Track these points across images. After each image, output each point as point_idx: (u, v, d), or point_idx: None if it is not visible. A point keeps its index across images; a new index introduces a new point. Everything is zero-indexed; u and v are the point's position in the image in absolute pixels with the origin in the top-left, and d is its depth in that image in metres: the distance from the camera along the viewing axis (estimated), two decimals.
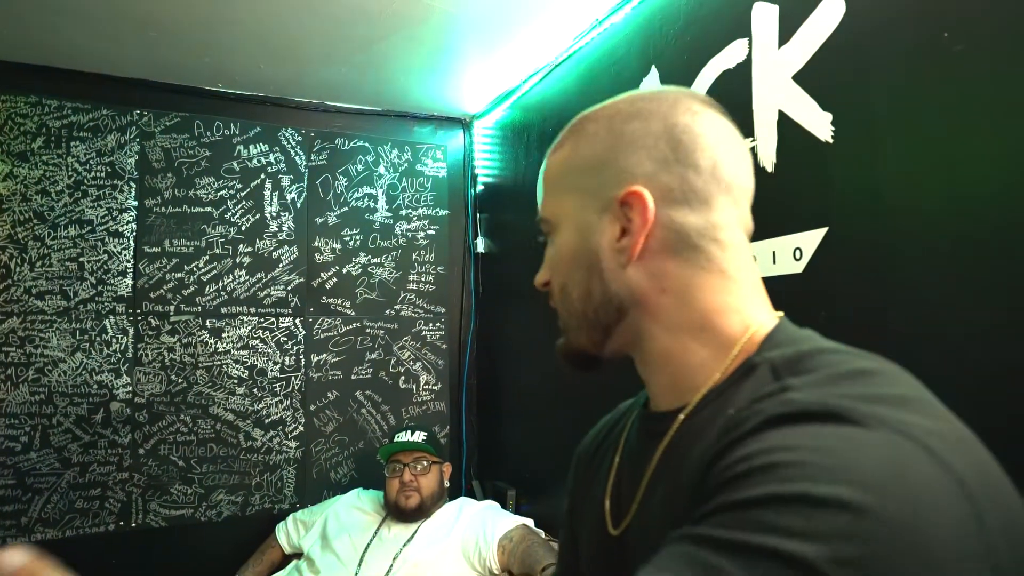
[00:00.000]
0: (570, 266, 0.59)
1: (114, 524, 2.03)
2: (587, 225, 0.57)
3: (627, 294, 0.55)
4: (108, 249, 2.08)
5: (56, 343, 2.00)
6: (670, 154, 0.54)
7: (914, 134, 0.98)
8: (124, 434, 2.06)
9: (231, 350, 2.20)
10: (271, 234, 2.28)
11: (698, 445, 0.48)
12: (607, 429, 0.71)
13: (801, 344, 0.50)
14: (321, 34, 1.86)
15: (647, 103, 0.57)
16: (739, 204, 0.56)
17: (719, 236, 0.54)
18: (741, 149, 0.57)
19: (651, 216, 0.53)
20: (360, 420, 2.37)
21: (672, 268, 0.54)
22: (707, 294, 0.54)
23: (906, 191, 0.99)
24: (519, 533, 1.72)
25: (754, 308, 0.54)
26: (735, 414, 0.46)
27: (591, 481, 0.66)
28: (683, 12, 1.48)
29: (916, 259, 0.97)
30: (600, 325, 0.58)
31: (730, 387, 0.50)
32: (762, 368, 0.49)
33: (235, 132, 2.26)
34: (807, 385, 0.43)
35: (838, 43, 1.10)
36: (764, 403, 0.43)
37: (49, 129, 2.03)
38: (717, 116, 0.57)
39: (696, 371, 0.53)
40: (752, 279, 0.56)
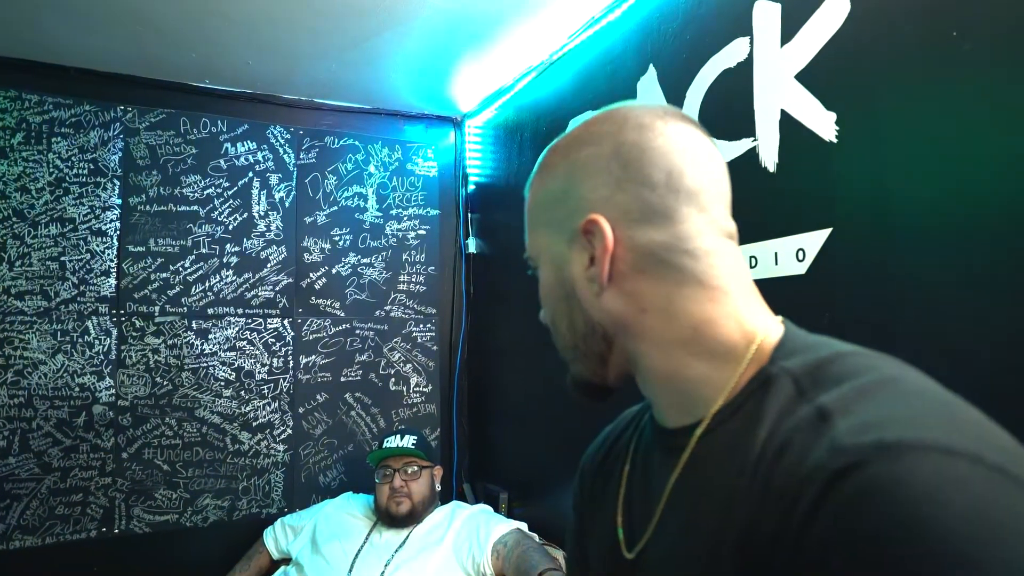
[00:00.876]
0: (553, 300, 0.60)
1: (96, 531, 1.98)
2: (560, 258, 0.58)
3: (609, 320, 0.55)
4: (91, 248, 2.02)
5: (36, 345, 1.95)
6: (621, 174, 0.54)
7: (921, 133, 0.97)
8: (107, 438, 2.00)
9: (218, 352, 2.15)
10: (259, 233, 2.24)
11: (727, 467, 0.46)
12: (612, 439, 0.69)
13: (817, 350, 0.48)
14: (312, 30, 1.82)
15: (599, 126, 0.57)
16: (709, 209, 0.54)
17: (688, 247, 0.52)
18: (705, 153, 0.55)
19: (610, 241, 0.53)
20: (350, 423, 2.33)
21: (646, 287, 0.53)
22: (689, 306, 0.52)
23: (912, 191, 0.98)
24: (513, 538, 1.69)
25: (750, 314, 0.53)
26: (768, 436, 0.44)
27: (599, 496, 0.64)
28: (682, 10, 1.47)
29: (922, 261, 0.96)
30: (593, 354, 0.58)
31: (748, 401, 0.48)
32: (782, 380, 0.47)
33: (222, 129, 2.21)
34: (842, 406, 0.41)
35: (842, 41, 1.08)
36: (811, 448, 0.40)
37: (30, 125, 1.98)
38: (672, 125, 0.55)
39: (701, 385, 0.52)
40: (741, 284, 0.54)
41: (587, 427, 1.86)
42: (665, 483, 0.53)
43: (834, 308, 1.09)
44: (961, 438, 0.37)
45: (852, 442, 0.38)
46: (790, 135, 1.18)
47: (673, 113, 0.57)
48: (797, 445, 0.41)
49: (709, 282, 0.52)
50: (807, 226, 1.14)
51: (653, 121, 0.55)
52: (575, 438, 1.88)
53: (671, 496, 0.52)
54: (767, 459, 0.43)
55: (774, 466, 0.42)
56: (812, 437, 0.40)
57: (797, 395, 0.45)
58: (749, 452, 0.45)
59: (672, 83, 1.49)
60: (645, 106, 0.57)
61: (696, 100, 1.41)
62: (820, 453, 0.39)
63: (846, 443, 0.38)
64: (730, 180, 0.58)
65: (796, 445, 0.41)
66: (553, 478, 1.97)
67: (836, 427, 0.40)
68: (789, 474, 0.40)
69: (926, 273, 0.96)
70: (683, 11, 1.46)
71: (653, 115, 0.56)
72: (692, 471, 0.51)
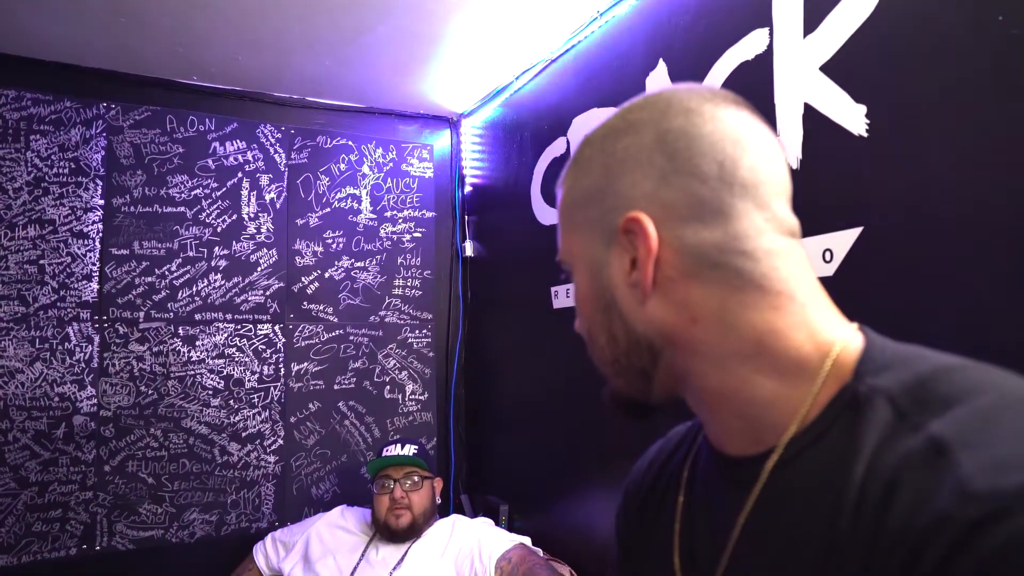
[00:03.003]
0: (590, 310, 0.53)
1: (76, 548, 1.88)
2: (597, 262, 0.51)
3: (654, 332, 0.49)
4: (71, 251, 1.93)
5: (13, 352, 1.85)
6: (667, 166, 0.47)
7: (959, 126, 0.91)
8: (88, 450, 1.91)
9: (205, 359, 2.06)
10: (249, 236, 2.15)
11: (815, 507, 0.40)
12: (661, 463, 0.62)
13: (914, 363, 0.42)
14: (304, 24, 1.75)
15: (638, 113, 0.51)
16: (768, 204, 0.47)
17: (746, 247, 0.46)
18: (761, 140, 0.49)
19: (654, 242, 0.47)
20: (343, 432, 2.24)
21: (698, 294, 0.47)
22: (749, 315, 0.46)
23: (949, 187, 0.92)
24: (518, 554, 1.61)
25: (823, 322, 0.46)
26: (867, 473, 0.37)
27: (649, 528, 0.57)
28: (694, 1, 1.41)
29: (958, 261, 0.90)
30: (636, 370, 0.51)
31: (833, 427, 0.41)
32: (876, 402, 0.40)
33: (210, 128, 2.13)
34: (961, 437, 0.34)
35: (873, 30, 1.03)
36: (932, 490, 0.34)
37: (6, 121, 1.88)
38: (724, 108, 0.49)
39: (769, 407, 0.45)
40: (808, 287, 0.47)
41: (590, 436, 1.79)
42: (732, 523, 0.46)
43: (864, 311, 1.03)
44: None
45: (987, 486, 0.32)
46: (815, 130, 1.12)
47: (723, 96, 0.50)
48: (910, 485, 0.35)
49: (772, 287, 0.46)
50: (835, 225, 1.07)
51: (701, 105, 0.48)
52: (577, 448, 1.81)
53: (742, 538, 0.46)
54: (871, 501, 0.36)
55: (882, 511, 0.35)
56: (929, 476, 0.34)
57: (897, 420, 0.38)
58: (844, 491, 0.38)
59: (684, 78, 1.43)
60: (691, 88, 0.51)
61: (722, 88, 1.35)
62: (945, 499, 0.33)
63: (979, 488, 0.32)
64: None
65: (908, 485, 0.35)
66: (555, 489, 1.90)
67: (960, 464, 0.33)
68: (905, 522, 0.34)
69: (963, 274, 0.90)
70: (696, 2, 1.40)
71: (701, 98, 0.49)
72: (768, 510, 0.44)
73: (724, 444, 0.50)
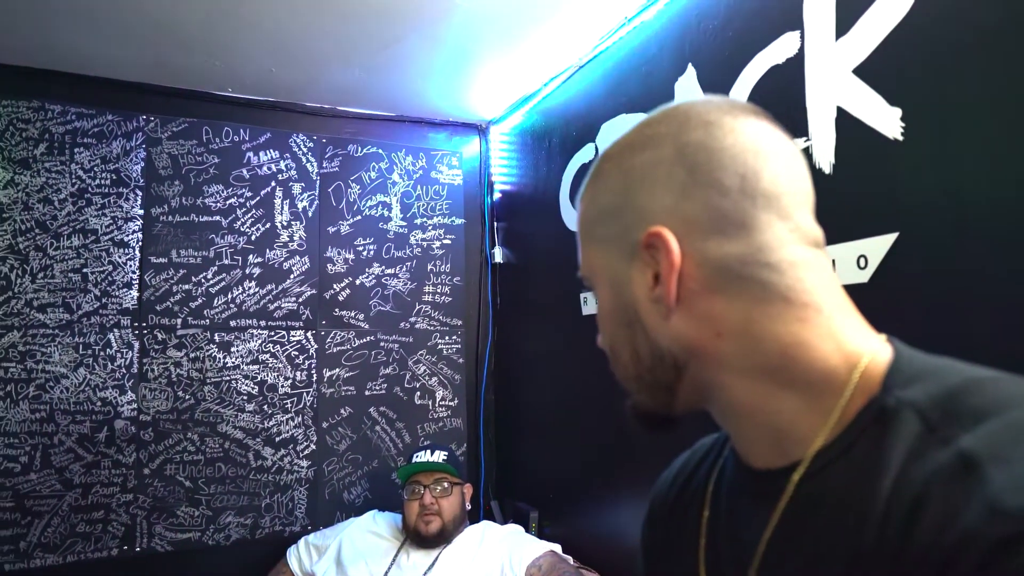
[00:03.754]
0: (612, 325, 0.53)
1: (117, 549, 1.93)
2: (618, 277, 0.51)
3: (679, 347, 0.48)
4: (113, 260, 1.99)
5: (58, 358, 1.91)
6: (688, 179, 0.47)
7: (996, 128, 0.88)
8: (128, 453, 1.96)
9: (240, 365, 2.11)
10: (282, 244, 2.19)
11: (842, 522, 0.39)
12: (686, 475, 0.61)
13: (944, 375, 0.41)
14: (335, 35, 1.78)
15: (656, 127, 0.50)
16: (792, 215, 0.47)
17: (770, 259, 0.45)
18: (783, 152, 0.48)
19: (676, 256, 0.46)
20: (374, 438, 2.27)
21: (722, 307, 0.46)
22: (775, 327, 0.45)
23: (987, 191, 0.90)
24: (548, 561, 1.61)
25: (850, 333, 0.45)
26: (894, 487, 0.36)
27: (674, 541, 0.57)
28: (724, 5, 1.39)
29: (998, 267, 0.88)
30: (660, 385, 0.50)
31: (860, 440, 0.41)
32: (904, 415, 0.39)
33: (244, 138, 2.18)
34: (992, 451, 0.33)
35: (907, 31, 1.01)
36: (961, 507, 0.33)
37: (52, 135, 1.95)
38: (743, 120, 0.48)
39: (794, 420, 0.44)
40: (834, 299, 0.46)
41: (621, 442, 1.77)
42: (758, 537, 0.46)
43: (900, 319, 1.01)
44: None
45: (1018, 504, 0.31)
46: (848, 134, 1.10)
47: (742, 107, 0.50)
48: (938, 501, 0.34)
49: (797, 298, 0.45)
50: (869, 231, 1.05)
51: (720, 117, 0.48)
52: (608, 454, 1.80)
53: (768, 552, 0.45)
54: (898, 516, 0.36)
55: (910, 526, 0.35)
56: (958, 492, 0.33)
57: (926, 434, 0.37)
58: (871, 505, 0.37)
59: (713, 83, 1.42)
60: (709, 100, 0.50)
61: (741, 99, 1.34)
62: (974, 515, 0.32)
63: (1009, 504, 0.31)
64: None
65: (937, 501, 0.34)
66: (586, 496, 1.89)
67: (990, 480, 0.32)
68: (933, 538, 0.33)
69: (1002, 281, 0.87)
70: (725, 6, 1.39)
71: (719, 110, 0.49)
72: (793, 524, 0.44)
73: (750, 457, 0.49)
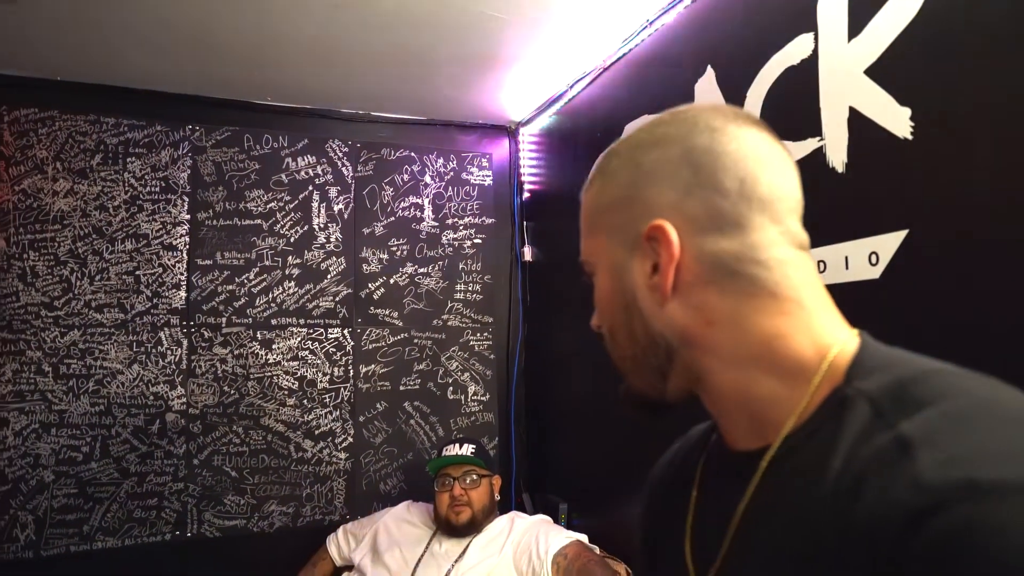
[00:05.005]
0: (611, 309, 0.57)
1: (170, 534, 2.06)
2: (620, 265, 0.55)
3: (672, 332, 0.52)
4: (163, 262, 2.11)
5: (115, 355, 2.04)
6: (692, 179, 0.51)
7: (1007, 127, 0.90)
8: (179, 445, 2.08)
9: (281, 361, 2.21)
10: (319, 245, 2.29)
11: (800, 499, 0.44)
12: (681, 458, 0.66)
13: (898, 367, 0.45)
14: (368, 46, 1.86)
15: (665, 128, 0.55)
16: (782, 219, 0.51)
17: (761, 257, 0.50)
18: (778, 160, 0.52)
19: (676, 249, 0.51)
20: (409, 431, 2.35)
21: (714, 298, 0.51)
22: (760, 319, 0.49)
23: (995, 189, 0.91)
24: (574, 549, 1.66)
25: (825, 328, 0.50)
26: (843, 467, 0.41)
27: (668, 518, 0.62)
28: (741, 8, 1.42)
29: (1007, 264, 0.89)
30: (652, 367, 0.55)
31: (822, 427, 0.45)
32: (858, 403, 0.43)
33: (283, 144, 2.28)
34: (925, 436, 0.37)
35: (917, 32, 1.02)
36: (891, 483, 0.37)
37: (107, 146, 2.08)
38: (745, 129, 0.52)
39: (771, 405, 0.49)
40: (815, 296, 0.51)
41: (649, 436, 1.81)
42: (733, 511, 0.50)
43: (911, 315, 1.03)
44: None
45: (937, 479, 0.35)
46: (860, 133, 1.13)
47: (745, 116, 0.54)
48: (876, 476, 0.38)
49: (782, 294, 0.49)
50: (881, 228, 1.07)
51: (725, 124, 0.52)
52: (636, 447, 1.83)
53: (740, 526, 0.50)
54: (843, 493, 0.40)
55: (853, 499, 0.39)
56: (892, 470, 0.37)
57: (875, 419, 0.41)
58: (823, 484, 0.42)
59: (731, 83, 1.45)
60: (714, 107, 0.55)
61: (757, 100, 1.36)
62: (901, 488, 0.36)
63: (930, 479, 0.35)
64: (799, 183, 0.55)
65: (875, 476, 0.38)
66: (614, 488, 1.94)
67: (919, 460, 0.36)
68: (870, 509, 0.37)
69: (1011, 278, 0.89)
70: (742, 9, 1.42)
71: (724, 118, 0.53)
72: (763, 500, 0.48)
73: (733, 440, 0.54)
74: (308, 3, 1.62)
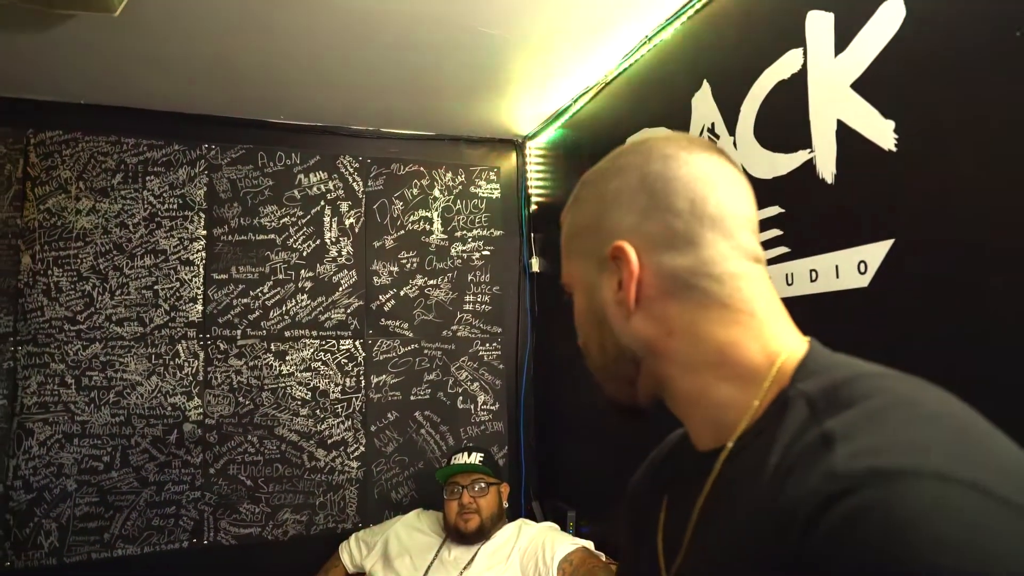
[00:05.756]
0: (586, 325, 0.62)
1: (188, 541, 2.11)
2: (592, 284, 0.60)
3: (637, 343, 0.57)
4: (180, 277, 2.18)
5: (134, 367, 2.11)
6: (648, 203, 0.56)
7: (984, 139, 0.93)
8: (196, 454, 2.14)
9: (295, 372, 2.27)
10: (331, 259, 2.35)
11: (748, 494, 0.47)
12: (657, 464, 0.70)
13: (835, 371, 0.48)
14: (373, 66, 1.92)
15: (625, 158, 0.60)
16: (734, 235, 0.55)
17: (714, 271, 0.54)
18: (728, 180, 0.57)
19: (635, 265, 0.55)
20: (419, 440, 2.39)
21: (673, 310, 0.55)
22: (714, 329, 0.53)
23: (977, 199, 0.94)
24: (579, 556, 1.69)
25: (776, 335, 0.53)
26: (779, 461, 0.44)
27: (645, 518, 0.65)
28: (734, 24, 1.46)
29: (990, 270, 0.92)
30: (622, 376, 0.59)
31: (768, 425, 0.48)
32: (798, 402, 0.47)
33: (296, 161, 2.35)
34: (845, 431, 0.41)
35: (899, 48, 1.06)
36: (810, 473, 0.40)
37: (127, 166, 2.16)
38: (696, 155, 0.57)
39: (726, 408, 0.53)
40: (766, 306, 0.54)
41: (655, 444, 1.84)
42: (694, 507, 0.54)
43: (899, 321, 1.06)
44: (962, 465, 0.36)
45: (846, 468, 0.38)
46: (848, 146, 1.16)
47: (698, 143, 0.59)
48: (799, 470, 0.42)
49: (734, 305, 0.53)
50: (868, 238, 1.10)
51: (677, 151, 0.57)
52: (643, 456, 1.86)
53: (699, 520, 0.53)
54: (776, 484, 0.43)
55: (780, 491, 0.42)
56: (814, 462, 0.41)
57: (810, 418, 0.45)
58: (763, 477, 0.45)
59: (726, 97, 1.48)
60: (670, 136, 0.60)
61: (751, 113, 1.40)
62: (817, 477, 0.39)
63: (840, 469, 0.38)
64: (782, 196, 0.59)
65: (799, 470, 0.42)
66: (621, 497, 1.96)
67: (836, 453, 0.40)
68: (790, 499, 0.41)
69: (995, 283, 0.91)
70: (736, 25, 1.46)
71: (677, 145, 0.58)
72: (718, 495, 0.52)
73: (697, 441, 0.57)
74: (317, 27, 1.69)
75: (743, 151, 1.42)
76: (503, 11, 1.63)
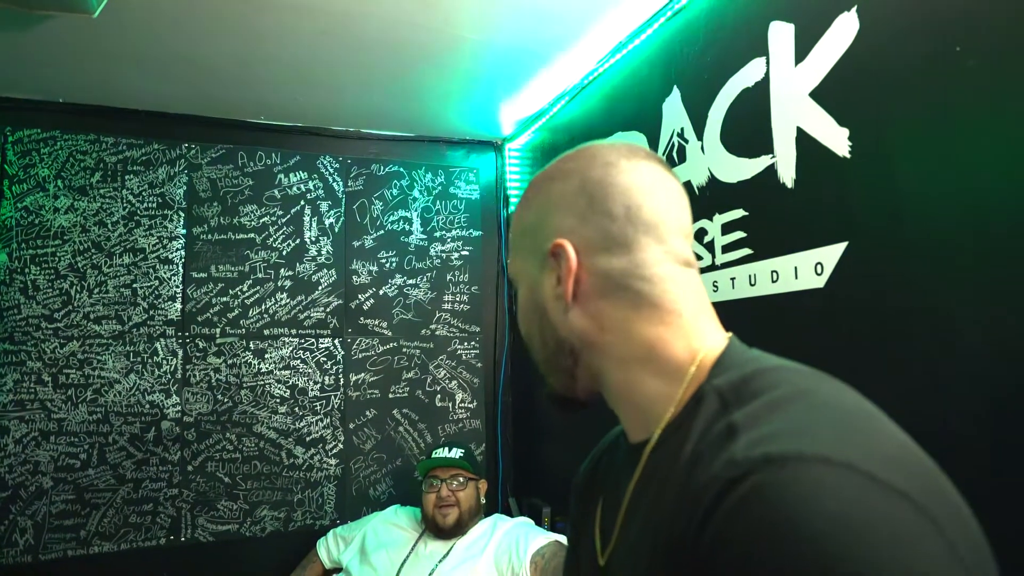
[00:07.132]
0: (528, 318, 0.66)
1: (165, 538, 2.12)
2: (534, 280, 0.64)
3: (575, 337, 0.60)
4: (159, 275, 2.19)
5: (112, 365, 2.12)
6: (587, 207, 0.59)
7: (930, 147, 0.98)
8: (174, 452, 2.15)
9: (273, 370, 2.28)
10: (310, 258, 2.37)
11: (666, 483, 0.50)
12: (597, 459, 0.74)
13: (746, 365, 0.52)
14: (353, 67, 1.94)
15: (569, 163, 0.63)
16: (666, 240, 0.59)
17: (645, 273, 0.57)
18: (664, 189, 0.61)
19: (573, 262, 0.59)
20: (397, 438, 2.42)
21: (607, 308, 0.58)
22: (644, 327, 0.57)
23: (924, 203, 0.99)
24: (551, 549, 1.73)
25: (700, 333, 0.57)
26: (691, 452, 0.48)
27: (586, 510, 0.69)
28: (703, 33, 1.51)
29: (936, 271, 0.97)
30: (562, 368, 0.63)
31: (686, 418, 0.52)
32: (711, 397, 0.50)
33: (276, 161, 2.36)
34: (748, 422, 0.44)
35: (853, 59, 1.11)
36: (715, 461, 0.44)
37: (106, 164, 2.17)
38: (635, 163, 0.61)
39: (654, 402, 0.56)
40: (694, 306, 0.58)
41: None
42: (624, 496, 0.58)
43: (853, 319, 1.11)
44: (844, 449, 0.40)
45: (744, 455, 0.42)
46: (807, 152, 1.20)
47: (639, 152, 0.62)
48: (705, 458, 0.45)
49: (663, 305, 0.57)
50: (824, 240, 1.15)
51: (618, 159, 0.61)
52: None
53: (627, 508, 0.57)
54: (687, 471, 0.47)
55: (689, 479, 0.46)
56: (719, 450, 0.44)
57: (720, 411, 0.48)
58: (678, 466, 0.49)
59: (695, 103, 1.53)
60: (612, 145, 0.63)
61: (718, 118, 1.45)
62: (719, 464, 0.43)
63: (739, 456, 0.42)
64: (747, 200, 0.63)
65: (705, 458, 0.45)
66: None
67: (737, 442, 0.43)
68: (695, 485, 0.44)
69: (941, 283, 0.97)
70: (704, 33, 1.50)
71: (618, 154, 0.61)
72: (643, 485, 0.55)
73: (630, 434, 0.61)
74: (297, 28, 1.71)
75: (710, 155, 1.47)
76: (480, 16, 1.67)
